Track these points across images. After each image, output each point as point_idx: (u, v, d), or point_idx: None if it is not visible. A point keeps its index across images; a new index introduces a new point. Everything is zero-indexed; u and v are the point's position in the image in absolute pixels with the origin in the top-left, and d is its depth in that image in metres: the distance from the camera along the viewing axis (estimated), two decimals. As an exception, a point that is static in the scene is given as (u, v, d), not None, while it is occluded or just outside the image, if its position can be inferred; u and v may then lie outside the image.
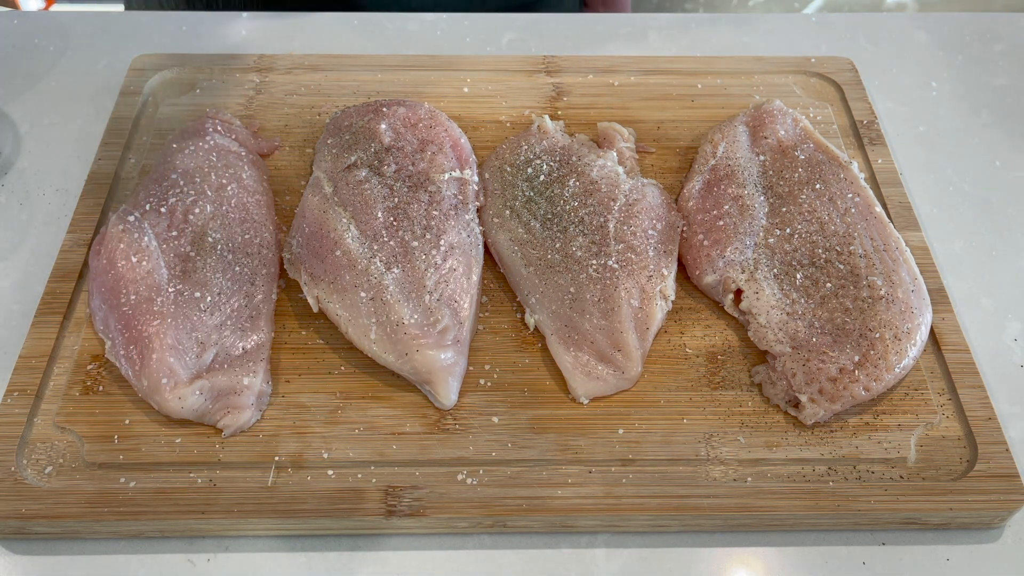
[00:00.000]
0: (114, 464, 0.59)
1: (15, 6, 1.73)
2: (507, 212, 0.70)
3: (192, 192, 0.68)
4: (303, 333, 0.66)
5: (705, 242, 0.68)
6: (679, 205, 0.72)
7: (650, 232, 0.68)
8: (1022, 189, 0.80)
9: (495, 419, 0.61)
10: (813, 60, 0.87)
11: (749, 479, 0.59)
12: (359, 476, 0.58)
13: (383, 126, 0.73)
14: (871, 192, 0.71)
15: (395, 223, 0.67)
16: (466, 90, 0.84)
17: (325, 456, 0.59)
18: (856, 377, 0.60)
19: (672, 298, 0.66)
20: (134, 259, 0.64)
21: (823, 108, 0.83)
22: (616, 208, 0.69)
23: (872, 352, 0.61)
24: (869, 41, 0.94)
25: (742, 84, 0.85)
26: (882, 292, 0.63)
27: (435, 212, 0.68)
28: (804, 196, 0.69)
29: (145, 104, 0.82)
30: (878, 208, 0.69)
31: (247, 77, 0.84)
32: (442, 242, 0.66)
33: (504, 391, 0.63)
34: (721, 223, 0.69)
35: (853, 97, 0.83)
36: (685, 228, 0.70)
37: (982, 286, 0.72)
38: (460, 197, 0.70)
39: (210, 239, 0.66)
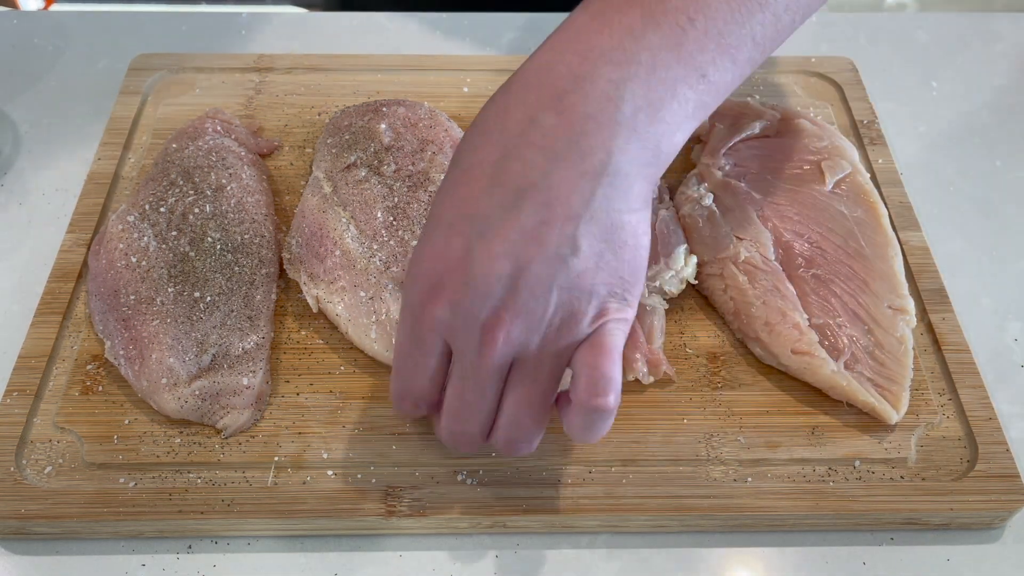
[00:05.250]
0: (114, 464, 0.59)
1: (15, 6, 1.73)
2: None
3: (192, 192, 0.68)
4: (303, 333, 0.66)
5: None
6: (677, 203, 0.72)
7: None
8: (1022, 189, 0.80)
9: (495, 419, 0.61)
10: (813, 60, 0.87)
11: (749, 479, 0.59)
12: (359, 476, 0.58)
13: (383, 126, 0.73)
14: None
15: (395, 223, 0.67)
16: (466, 90, 0.83)
17: (325, 456, 0.59)
18: None
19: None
20: (133, 259, 0.64)
21: (823, 108, 0.83)
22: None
23: None
24: (869, 41, 0.94)
25: (742, 84, 0.84)
26: None
27: (435, 212, 0.67)
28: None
29: (145, 104, 0.82)
30: None
31: (247, 77, 0.84)
32: (442, 242, 0.66)
33: (504, 391, 0.63)
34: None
35: (853, 97, 0.83)
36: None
37: (982, 286, 0.72)
38: (460, 197, 0.70)
39: (209, 239, 0.66)
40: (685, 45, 0.48)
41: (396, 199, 0.68)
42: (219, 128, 0.75)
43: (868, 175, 0.71)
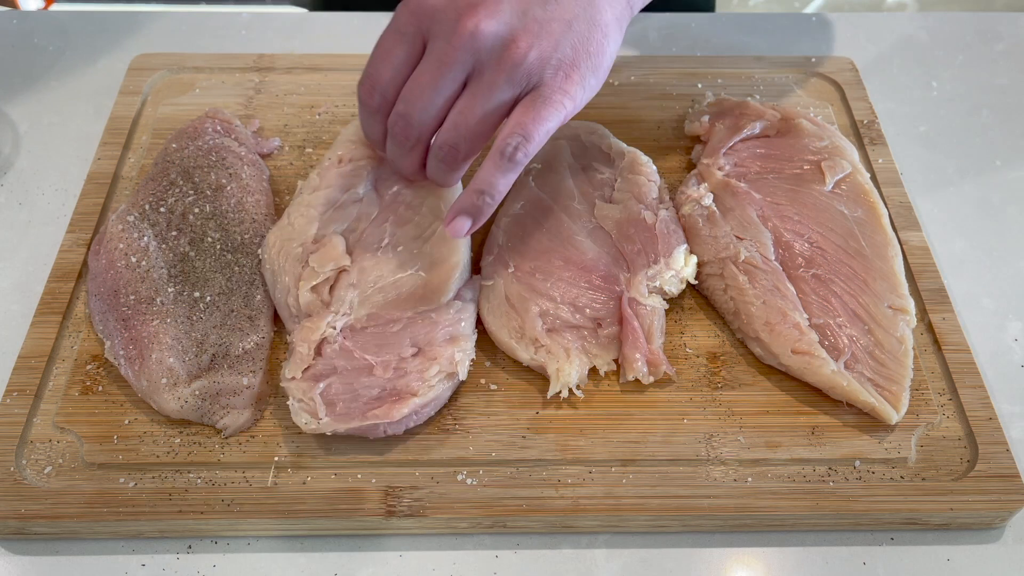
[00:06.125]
0: (114, 464, 0.59)
1: (15, 6, 1.73)
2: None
3: (192, 192, 0.68)
4: (303, 333, 0.66)
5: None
6: (677, 203, 0.72)
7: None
8: (1022, 189, 0.80)
9: (495, 418, 0.61)
10: (813, 60, 0.87)
11: (749, 479, 0.59)
12: (359, 476, 0.58)
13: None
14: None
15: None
16: (466, 90, 0.84)
17: (325, 456, 0.59)
18: None
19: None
20: (133, 259, 0.64)
21: (823, 108, 0.83)
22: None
23: None
24: (869, 41, 0.94)
25: (742, 84, 0.85)
26: None
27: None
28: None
29: (145, 104, 0.82)
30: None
31: (247, 77, 0.84)
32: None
33: (504, 391, 0.63)
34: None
35: (853, 97, 0.83)
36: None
37: (982, 286, 0.72)
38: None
39: (209, 239, 0.66)
40: None
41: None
42: (219, 128, 0.75)
43: (868, 175, 0.71)
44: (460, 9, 0.56)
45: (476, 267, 0.68)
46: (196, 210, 0.67)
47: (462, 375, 0.60)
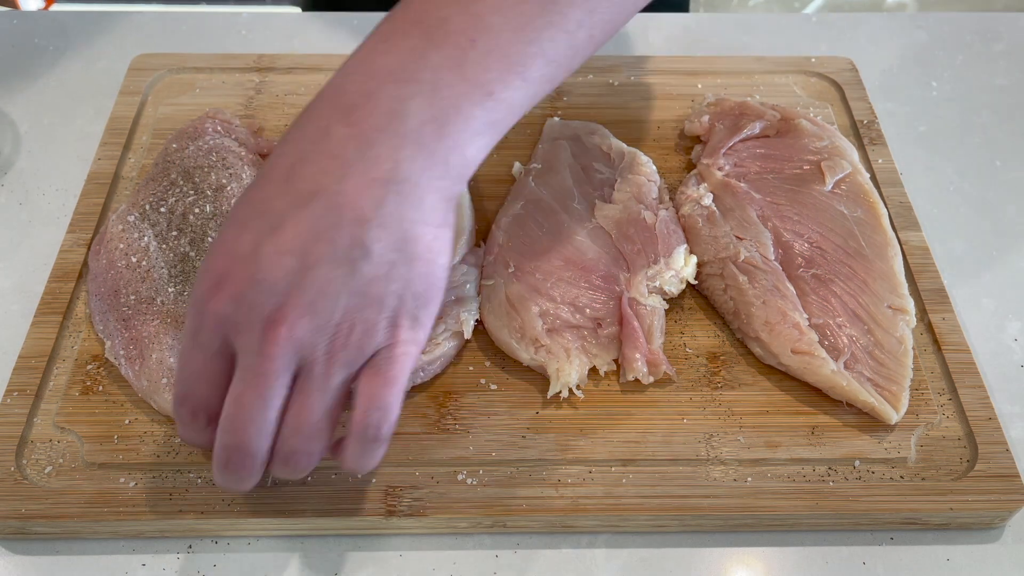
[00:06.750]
0: (114, 464, 0.59)
1: (15, 6, 1.73)
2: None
3: (192, 192, 0.68)
4: (303, 333, 0.66)
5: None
6: (677, 203, 0.72)
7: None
8: (1022, 189, 0.80)
9: (495, 418, 0.61)
10: (813, 60, 0.87)
11: (749, 479, 0.59)
12: (359, 476, 0.58)
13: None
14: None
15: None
16: (466, 90, 0.84)
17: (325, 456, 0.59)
18: None
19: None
20: (134, 259, 0.64)
21: (823, 108, 0.83)
22: (616, 208, 0.69)
23: None
24: (869, 41, 0.94)
25: (742, 84, 0.85)
26: None
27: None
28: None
29: (145, 104, 0.82)
30: None
31: (247, 77, 0.84)
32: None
33: (504, 391, 0.63)
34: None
35: (853, 97, 0.83)
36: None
37: (982, 286, 0.72)
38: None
39: (210, 239, 0.66)
40: (467, 65, 0.49)
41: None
42: (219, 128, 0.75)
43: (868, 175, 0.71)
44: (264, 315, 0.46)
45: (478, 239, 0.70)
46: (196, 210, 0.67)
47: (467, 334, 0.63)
